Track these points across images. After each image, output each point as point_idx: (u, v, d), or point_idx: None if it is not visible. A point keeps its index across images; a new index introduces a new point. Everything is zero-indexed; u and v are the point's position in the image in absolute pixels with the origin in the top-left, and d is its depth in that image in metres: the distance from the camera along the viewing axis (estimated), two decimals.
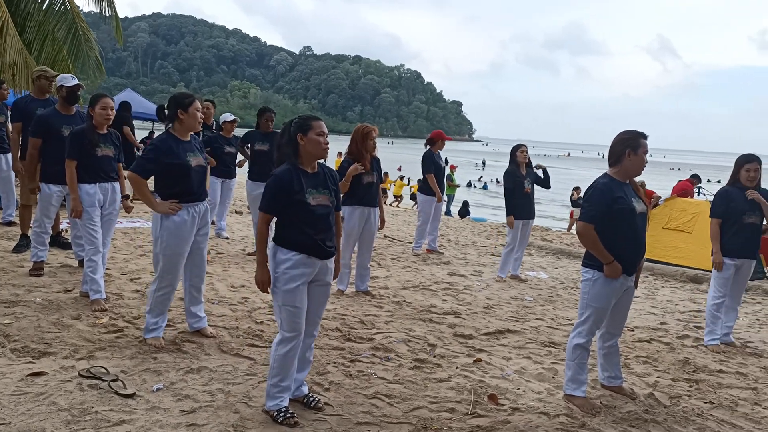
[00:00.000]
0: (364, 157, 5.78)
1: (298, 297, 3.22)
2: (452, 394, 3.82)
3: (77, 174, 4.89)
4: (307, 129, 3.27)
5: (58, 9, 11.26)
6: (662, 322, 6.03)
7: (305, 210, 3.21)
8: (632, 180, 3.83)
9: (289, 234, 3.24)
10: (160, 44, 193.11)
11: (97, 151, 4.93)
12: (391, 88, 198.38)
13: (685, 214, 9.54)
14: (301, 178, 3.24)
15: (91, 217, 4.93)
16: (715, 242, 5.26)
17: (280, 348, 3.25)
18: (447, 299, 6.28)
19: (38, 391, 3.34)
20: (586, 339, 3.81)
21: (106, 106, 4.91)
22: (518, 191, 7.39)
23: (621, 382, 4.01)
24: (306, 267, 3.23)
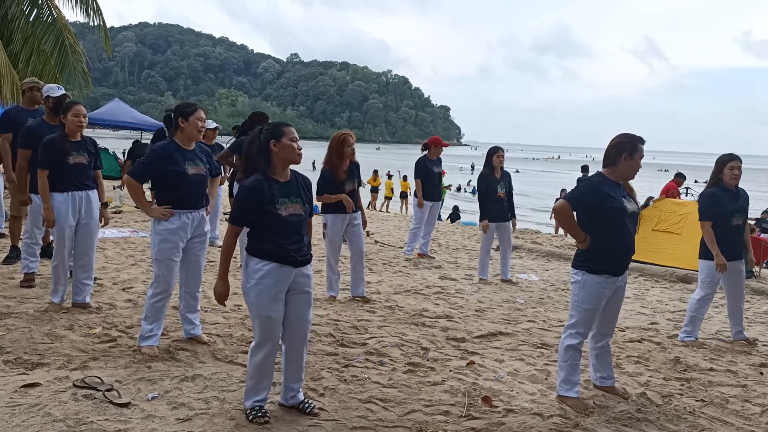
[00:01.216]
0: (340, 166, 5.79)
1: (273, 307, 3.20)
2: (446, 397, 3.85)
3: (49, 183, 4.88)
4: (280, 135, 3.24)
5: (45, 20, 11.23)
6: (653, 322, 6.09)
7: (277, 221, 3.19)
8: (626, 182, 3.88)
9: (261, 244, 3.22)
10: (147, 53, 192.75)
11: (69, 159, 4.91)
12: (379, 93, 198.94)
13: (674, 216, 9.64)
14: (272, 187, 3.21)
15: (61, 226, 4.92)
16: (712, 245, 5.21)
17: (254, 355, 3.28)
18: (439, 303, 6.31)
19: (33, 403, 3.33)
20: (577, 340, 3.84)
21: (78, 114, 4.90)
22: (491, 195, 7.44)
23: (613, 382, 4.05)
24: (279, 276, 3.21)
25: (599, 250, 3.76)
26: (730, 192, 5.29)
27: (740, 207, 5.28)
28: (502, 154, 7.53)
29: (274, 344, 3.28)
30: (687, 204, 10.06)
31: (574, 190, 3.93)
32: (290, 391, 3.45)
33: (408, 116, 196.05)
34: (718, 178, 5.34)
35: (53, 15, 11.31)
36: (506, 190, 7.50)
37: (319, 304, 5.85)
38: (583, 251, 3.83)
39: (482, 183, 7.50)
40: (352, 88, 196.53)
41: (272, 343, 3.26)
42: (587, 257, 3.81)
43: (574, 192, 3.86)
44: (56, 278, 5.04)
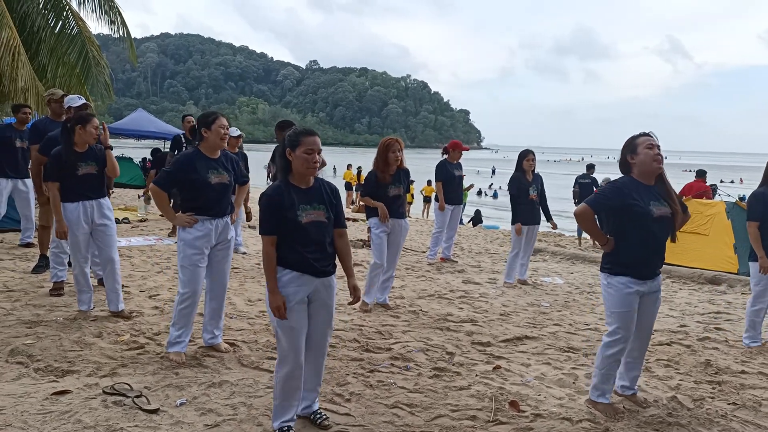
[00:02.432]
0: (385, 170, 5.83)
1: (294, 316, 3.12)
2: (473, 401, 3.82)
3: (60, 194, 4.95)
4: (296, 145, 3.14)
5: (70, 32, 11.43)
6: (682, 324, 5.99)
7: (297, 228, 3.12)
8: (664, 180, 3.71)
9: (282, 252, 3.14)
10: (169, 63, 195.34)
11: (77, 170, 4.95)
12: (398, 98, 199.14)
13: (701, 217, 9.49)
14: (292, 194, 3.15)
15: (75, 236, 4.98)
16: (757, 246, 5.14)
17: (279, 371, 3.19)
18: (463, 307, 6.28)
19: (63, 410, 3.38)
20: (617, 348, 3.73)
21: (96, 126, 4.96)
22: (523, 197, 7.40)
23: (635, 393, 3.96)
24: (300, 285, 3.13)
25: (622, 254, 3.68)
26: None
27: None
28: (533, 158, 7.48)
29: (299, 358, 3.17)
30: (714, 204, 9.90)
31: (596, 193, 3.86)
32: (305, 400, 3.37)
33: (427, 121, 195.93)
34: None
35: (77, 27, 11.50)
36: (538, 192, 7.47)
37: (343, 310, 5.85)
38: (608, 254, 3.76)
39: (513, 186, 7.47)
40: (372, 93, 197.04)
41: (296, 357, 3.16)
42: (610, 260, 3.75)
43: (597, 195, 3.80)
44: (78, 287, 5.12)
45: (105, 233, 5.09)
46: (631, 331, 3.76)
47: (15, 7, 10.57)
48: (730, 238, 9.10)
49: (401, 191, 5.97)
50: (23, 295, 5.61)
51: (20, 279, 6.18)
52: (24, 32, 10.68)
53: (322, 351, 3.35)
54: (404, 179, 6.02)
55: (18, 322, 4.82)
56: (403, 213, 6.05)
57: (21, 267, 6.70)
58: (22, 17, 10.75)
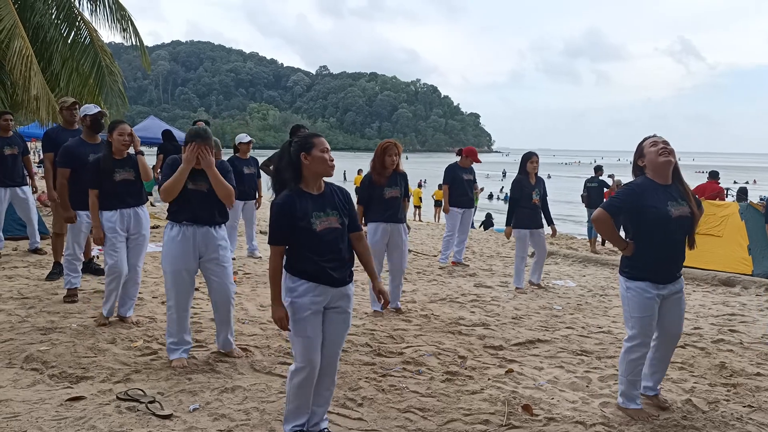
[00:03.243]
0: (381, 173, 5.84)
1: (310, 326, 3.06)
2: (486, 405, 3.81)
3: (99, 201, 5.00)
4: (310, 147, 3.09)
5: (82, 42, 11.54)
6: (696, 326, 5.94)
7: (311, 237, 3.05)
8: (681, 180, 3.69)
9: (296, 261, 3.08)
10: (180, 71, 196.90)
11: (115, 177, 5.01)
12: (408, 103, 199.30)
13: (714, 218, 9.42)
14: (304, 202, 3.08)
15: (113, 244, 5.02)
16: None
17: (293, 378, 3.13)
18: (475, 311, 6.26)
19: (78, 416, 3.40)
20: (638, 354, 3.71)
21: (123, 133, 5.00)
22: (525, 201, 7.33)
23: (657, 393, 3.92)
24: (316, 295, 3.07)
25: (641, 257, 3.64)
26: None
27: None
28: (536, 160, 7.42)
29: (314, 365, 3.12)
30: (727, 206, 9.82)
31: (611, 197, 3.84)
32: (314, 416, 3.27)
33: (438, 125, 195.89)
34: None
35: (90, 37, 11.61)
36: (540, 196, 7.42)
37: (355, 314, 5.85)
38: (627, 257, 3.73)
39: (516, 189, 7.40)
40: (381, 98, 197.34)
41: (312, 364, 3.10)
42: (629, 263, 3.71)
43: (612, 199, 3.77)
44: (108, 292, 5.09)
45: (137, 242, 5.18)
46: (650, 335, 3.73)
47: (28, 18, 10.68)
48: (744, 240, 9.02)
49: (398, 194, 5.95)
50: (38, 302, 5.66)
51: (35, 286, 6.23)
52: (37, 42, 10.79)
53: (335, 362, 3.25)
54: (402, 182, 6.01)
55: (33, 329, 4.87)
56: (402, 217, 6.04)
57: (35, 274, 6.76)
58: (35, 28, 10.86)
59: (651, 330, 3.71)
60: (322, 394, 3.27)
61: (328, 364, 3.21)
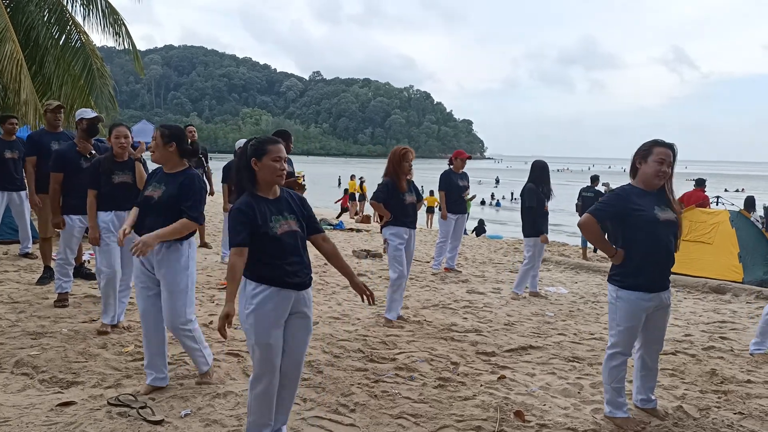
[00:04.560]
0: (400, 178, 5.86)
1: (273, 333, 3.00)
2: (478, 411, 3.81)
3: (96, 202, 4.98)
4: (262, 154, 3.03)
5: (74, 45, 11.52)
6: (687, 333, 5.97)
7: (272, 241, 2.99)
8: (666, 187, 3.70)
9: (258, 267, 3.01)
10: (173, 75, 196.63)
11: (113, 179, 5.00)
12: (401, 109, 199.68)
13: (704, 226, 9.48)
14: (262, 206, 3.02)
15: (107, 244, 5.00)
16: None
17: (255, 388, 3.07)
18: (467, 317, 6.27)
19: (68, 421, 3.38)
20: (619, 361, 3.73)
21: (119, 135, 4.99)
22: (539, 209, 7.34)
23: (655, 405, 3.90)
24: (279, 301, 3.01)
25: (632, 264, 3.64)
26: None
27: None
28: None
29: (274, 374, 3.07)
30: (718, 213, 9.89)
31: (598, 202, 3.84)
32: (275, 422, 3.21)
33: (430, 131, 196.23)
34: None
35: (81, 40, 11.59)
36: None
37: (347, 320, 5.85)
38: (617, 265, 3.73)
39: (532, 197, 7.33)
40: (374, 104, 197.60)
41: (272, 373, 3.05)
42: (620, 271, 3.70)
43: (598, 204, 3.78)
44: (105, 298, 5.03)
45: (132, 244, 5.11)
46: (632, 345, 3.75)
47: (20, 20, 10.65)
48: (735, 247, 9.08)
49: (414, 200, 6.00)
50: (28, 306, 5.63)
51: (25, 290, 6.19)
52: (29, 45, 10.76)
53: (298, 370, 3.21)
54: (414, 189, 6.06)
55: (23, 334, 4.84)
56: (416, 224, 6.08)
57: (26, 278, 6.72)
58: (27, 30, 10.83)
59: (634, 339, 3.73)
60: (284, 404, 3.22)
61: (290, 372, 3.16)
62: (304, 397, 3.88)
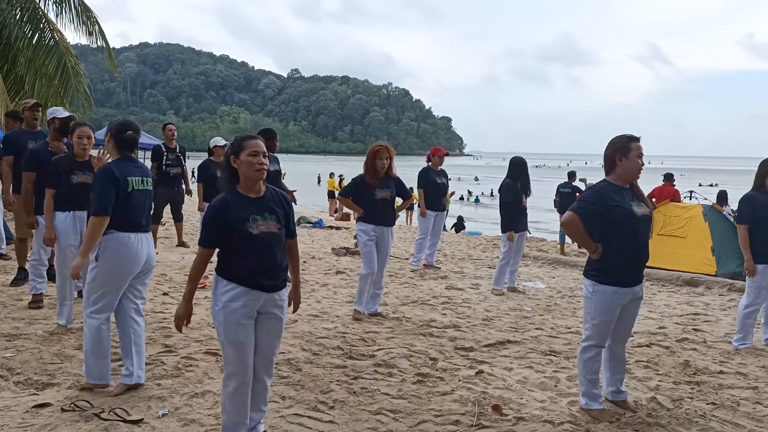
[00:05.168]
0: (374, 176, 5.86)
1: (242, 332, 3.00)
2: (456, 406, 3.85)
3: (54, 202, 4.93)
4: (239, 150, 3.03)
5: (47, 43, 11.35)
6: (661, 326, 6.07)
7: (247, 240, 2.98)
8: (634, 184, 3.80)
9: (230, 265, 3.01)
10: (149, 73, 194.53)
11: (72, 179, 4.94)
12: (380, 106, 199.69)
13: (678, 220, 9.63)
14: (242, 205, 3.02)
15: (63, 246, 4.95)
16: (745, 249, 5.22)
17: (227, 386, 3.08)
18: (446, 313, 6.31)
19: (44, 423, 3.35)
20: (593, 353, 3.79)
21: (82, 135, 4.92)
22: (517, 205, 7.40)
23: (625, 396, 3.96)
24: (249, 300, 3.01)
25: (610, 259, 3.70)
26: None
27: None
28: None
29: (247, 372, 3.07)
30: (691, 208, 10.05)
31: (580, 199, 3.89)
32: (250, 421, 3.20)
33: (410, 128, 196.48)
34: (761, 182, 5.31)
35: (55, 38, 11.43)
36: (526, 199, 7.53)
37: (326, 318, 5.86)
38: (595, 260, 3.78)
39: (509, 193, 7.39)
40: (353, 101, 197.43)
41: (244, 371, 3.06)
42: (597, 266, 3.75)
43: (580, 201, 3.83)
44: (61, 299, 5.06)
45: None
46: (606, 337, 3.82)
47: None
48: (708, 241, 9.24)
49: (389, 196, 5.95)
50: (2, 308, 5.55)
51: None
52: (0, 44, 10.59)
53: (269, 369, 3.23)
54: (394, 186, 6.00)
55: None
56: (392, 221, 6.04)
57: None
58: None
59: (608, 332, 3.80)
60: (259, 401, 3.23)
61: (262, 370, 3.18)
62: (283, 395, 3.88)
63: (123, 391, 3.77)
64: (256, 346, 3.11)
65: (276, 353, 3.26)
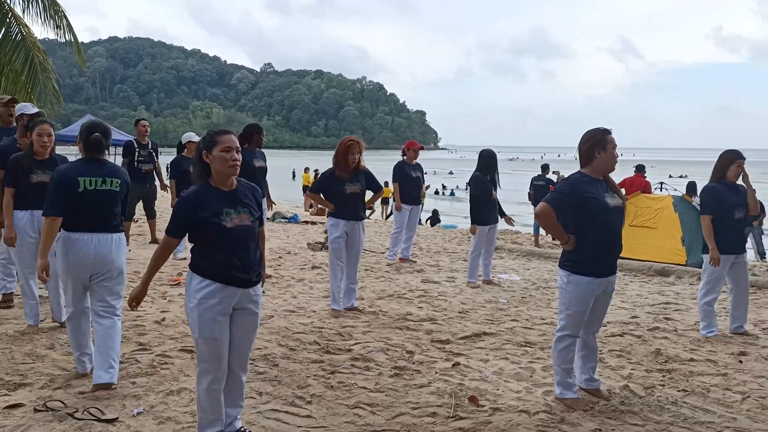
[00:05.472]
0: (344, 169, 5.83)
1: (217, 328, 2.99)
2: (433, 398, 3.87)
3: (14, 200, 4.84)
4: (212, 145, 3.02)
5: (14, 38, 11.09)
6: (633, 315, 6.17)
7: (221, 234, 2.97)
8: (607, 176, 3.86)
9: (204, 261, 3.00)
10: (119, 68, 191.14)
11: (32, 178, 4.83)
12: (354, 100, 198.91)
13: (649, 211, 9.78)
14: (214, 197, 3.01)
15: (21, 245, 4.87)
16: (710, 239, 5.31)
17: (201, 382, 3.07)
18: (422, 306, 6.34)
19: (17, 423, 3.30)
20: (567, 343, 3.85)
21: (42, 133, 4.80)
22: (486, 197, 7.46)
23: (598, 385, 4.03)
24: (224, 296, 3.00)
25: (584, 250, 3.75)
26: (731, 186, 5.38)
27: (741, 200, 5.36)
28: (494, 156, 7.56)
29: (221, 368, 3.06)
30: (662, 199, 10.21)
31: (554, 191, 3.94)
32: (227, 417, 3.20)
33: (384, 122, 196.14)
34: (722, 174, 5.41)
35: (22, 33, 11.17)
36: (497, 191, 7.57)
37: (302, 313, 5.85)
38: (569, 251, 3.83)
39: (477, 186, 7.44)
40: (327, 96, 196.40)
41: (218, 368, 3.05)
42: (572, 257, 3.81)
43: (555, 193, 3.87)
44: (24, 299, 4.95)
45: None
46: (580, 327, 3.88)
47: None
48: (678, 231, 9.41)
49: (359, 190, 5.93)
50: None
51: None
52: None
53: (245, 364, 3.22)
54: (363, 179, 5.99)
55: None
56: (362, 215, 6.03)
57: None
58: None
59: (582, 322, 3.86)
60: (235, 397, 3.22)
61: (237, 366, 3.17)
62: (260, 391, 3.87)
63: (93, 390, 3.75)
64: (231, 341, 3.10)
65: (251, 348, 3.26)
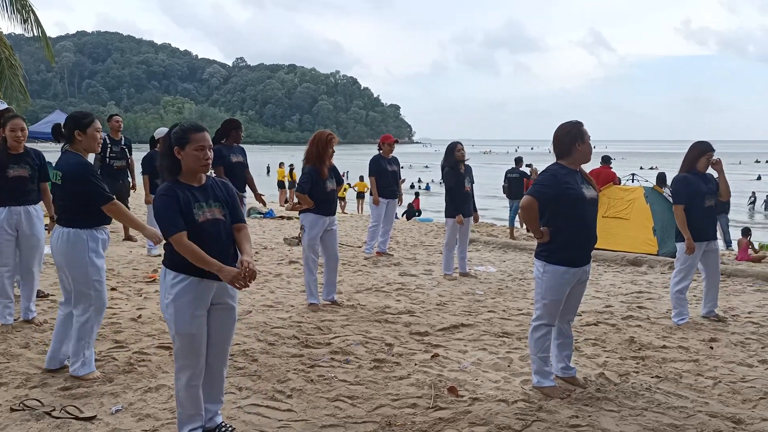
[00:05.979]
0: (324, 164, 5.79)
1: (194, 324, 2.96)
2: (413, 390, 3.90)
3: None
4: (185, 143, 2.95)
5: None
6: (607, 305, 6.28)
7: (193, 229, 2.92)
8: (582, 169, 3.96)
9: (177, 256, 2.93)
10: (87, 63, 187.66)
11: (7, 173, 4.78)
12: (328, 95, 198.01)
13: (621, 202, 9.94)
14: (185, 192, 2.96)
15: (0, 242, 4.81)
16: (684, 228, 5.42)
17: (180, 378, 3.04)
18: (400, 299, 6.37)
19: None
20: (544, 332, 3.92)
21: (15, 128, 4.76)
22: (459, 189, 7.51)
23: (574, 373, 4.09)
24: (199, 292, 2.97)
25: (560, 240, 3.83)
26: (701, 176, 5.51)
27: (711, 189, 5.50)
28: (461, 148, 7.57)
29: (199, 364, 3.04)
30: (633, 190, 10.38)
31: (536, 183, 3.98)
32: (207, 413, 3.18)
33: (358, 116, 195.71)
34: (692, 165, 5.52)
35: None
36: (471, 184, 7.62)
37: (281, 308, 5.84)
38: (545, 242, 3.90)
39: (450, 179, 7.49)
40: (301, 90, 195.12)
41: (196, 364, 3.02)
42: (548, 247, 3.88)
43: (537, 185, 3.92)
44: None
45: (30, 243, 4.91)
46: (556, 316, 3.95)
47: None
48: (650, 222, 9.58)
49: (335, 185, 5.96)
50: None
51: None
52: None
53: (224, 359, 3.20)
54: (336, 175, 6.02)
55: None
56: (335, 210, 6.04)
57: None
58: None
59: (558, 311, 3.94)
60: (214, 392, 3.20)
61: (216, 361, 3.15)
62: (240, 386, 3.86)
63: None
64: (209, 337, 3.08)
65: (230, 343, 3.24)
